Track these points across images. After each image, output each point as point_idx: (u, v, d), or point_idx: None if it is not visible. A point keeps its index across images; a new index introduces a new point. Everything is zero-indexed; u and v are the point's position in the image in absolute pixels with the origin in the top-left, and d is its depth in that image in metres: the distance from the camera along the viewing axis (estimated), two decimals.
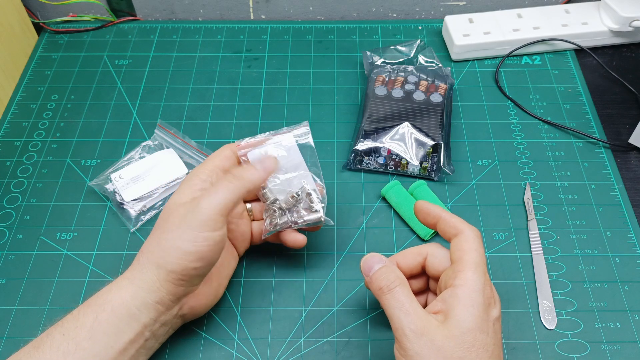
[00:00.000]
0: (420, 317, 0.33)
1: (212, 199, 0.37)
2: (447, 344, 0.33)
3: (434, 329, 0.33)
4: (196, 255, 0.37)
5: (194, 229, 0.36)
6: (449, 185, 0.52)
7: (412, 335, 0.33)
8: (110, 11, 0.67)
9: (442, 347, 0.32)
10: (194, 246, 0.36)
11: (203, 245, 0.36)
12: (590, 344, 0.43)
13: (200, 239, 0.36)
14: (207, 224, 0.36)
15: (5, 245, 0.49)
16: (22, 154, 0.55)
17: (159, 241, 0.37)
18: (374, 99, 0.55)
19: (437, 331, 0.33)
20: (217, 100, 0.59)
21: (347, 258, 0.47)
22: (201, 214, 0.37)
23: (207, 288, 0.41)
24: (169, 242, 0.37)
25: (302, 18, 0.69)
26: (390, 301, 0.35)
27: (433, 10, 0.68)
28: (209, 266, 0.38)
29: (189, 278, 0.37)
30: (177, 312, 0.39)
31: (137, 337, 0.37)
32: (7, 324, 0.44)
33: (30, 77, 0.62)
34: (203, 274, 0.38)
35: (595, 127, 0.56)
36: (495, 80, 0.60)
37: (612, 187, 0.51)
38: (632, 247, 0.48)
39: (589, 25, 0.62)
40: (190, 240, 0.36)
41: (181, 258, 0.36)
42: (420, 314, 0.34)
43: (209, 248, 0.37)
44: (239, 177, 0.39)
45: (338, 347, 0.43)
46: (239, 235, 0.44)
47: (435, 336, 0.33)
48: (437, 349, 0.32)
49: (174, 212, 0.38)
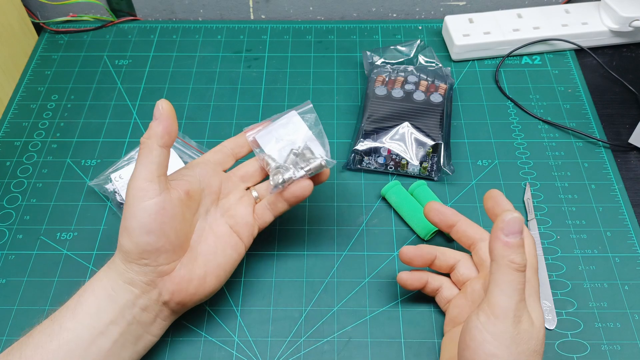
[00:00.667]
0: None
1: (134, 171, 0.38)
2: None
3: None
4: (141, 229, 0.37)
5: (129, 205, 0.37)
6: (449, 185, 0.52)
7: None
8: (110, 11, 0.67)
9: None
10: (135, 221, 0.37)
11: (143, 217, 0.37)
12: (590, 344, 0.43)
13: (138, 211, 0.37)
14: (138, 196, 0.37)
15: (5, 245, 0.49)
16: (22, 154, 0.55)
17: (123, 217, 0.38)
18: (374, 99, 0.55)
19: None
20: (217, 100, 0.59)
21: (347, 258, 0.47)
22: (130, 188, 0.37)
23: (186, 273, 0.39)
24: (121, 226, 0.38)
25: (302, 18, 0.69)
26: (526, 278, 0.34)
27: (433, 10, 0.68)
28: (163, 239, 0.37)
29: (148, 255, 0.37)
30: (157, 297, 0.39)
31: (117, 318, 0.37)
32: (7, 324, 0.44)
33: (30, 77, 0.62)
34: (161, 248, 0.38)
35: (595, 127, 0.56)
36: (495, 80, 0.60)
37: (612, 187, 0.51)
38: (632, 247, 0.48)
39: (589, 25, 0.62)
40: (132, 217, 0.37)
41: (130, 236, 0.37)
42: None
43: (150, 218, 0.37)
44: (143, 142, 0.39)
45: (338, 347, 0.43)
46: (240, 220, 0.43)
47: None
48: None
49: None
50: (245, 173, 0.45)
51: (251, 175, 0.45)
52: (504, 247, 0.33)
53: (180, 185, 0.40)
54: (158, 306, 0.39)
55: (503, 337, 0.32)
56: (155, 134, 0.39)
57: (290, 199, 0.42)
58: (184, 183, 0.40)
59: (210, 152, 0.45)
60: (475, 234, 0.42)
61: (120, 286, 0.38)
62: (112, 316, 0.37)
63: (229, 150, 0.45)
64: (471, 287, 0.41)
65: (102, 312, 0.37)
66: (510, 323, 0.33)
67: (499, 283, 0.33)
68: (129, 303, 0.38)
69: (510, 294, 0.33)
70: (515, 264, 0.33)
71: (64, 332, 0.36)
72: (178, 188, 0.39)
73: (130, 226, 0.37)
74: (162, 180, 0.38)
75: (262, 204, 0.44)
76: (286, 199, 0.43)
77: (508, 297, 0.33)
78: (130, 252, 0.37)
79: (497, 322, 0.33)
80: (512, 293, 0.33)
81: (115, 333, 0.37)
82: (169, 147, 0.39)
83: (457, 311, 0.41)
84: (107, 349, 0.37)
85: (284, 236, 0.49)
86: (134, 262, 0.38)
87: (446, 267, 0.43)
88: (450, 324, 0.41)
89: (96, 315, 0.37)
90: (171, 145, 0.39)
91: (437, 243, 0.48)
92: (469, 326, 0.34)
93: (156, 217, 0.37)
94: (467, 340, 0.34)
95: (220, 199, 0.43)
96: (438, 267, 0.43)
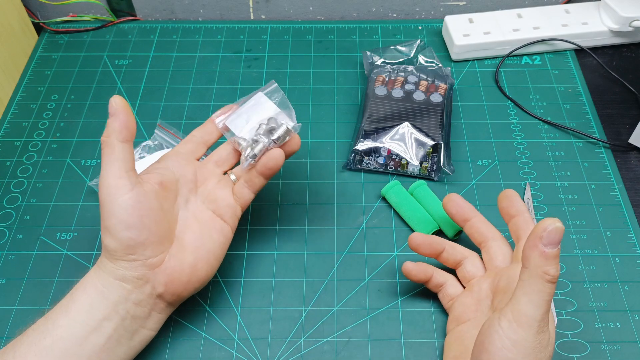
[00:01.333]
0: None
1: (101, 172, 0.38)
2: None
3: None
4: (121, 225, 0.37)
5: (105, 204, 0.37)
6: (449, 185, 0.52)
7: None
8: (110, 11, 0.67)
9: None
10: (114, 218, 0.37)
11: (120, 213, 0.37)
12: (590, 344, 0.43)
13: (115, 209, 0.37)
14: (111, 194, 0.37)
15: (5, 245, 0.49)
16: (22, 154, 0.55)
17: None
18: (374, 99, 0.55)
19: None
20: (217, 100, 0.59)
21: (347, 258, 0.47)
22: (102, 187, 0.37)
23: (177, 263, 0.39)
24: (101, 226, 0.38)
25: (302, 18, 0.69)
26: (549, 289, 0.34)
27: (433, 10, 0.68)
28: (145, 232, 0.38)
29: (133, 250, 0.37)
30: (150, 290, 0.39)
31: (109, 314, 0.37)
32: (7, 324, 0.44)
33: (30, 77, 0.62)
34: (145, 242, 0.38)
35: (595, 127, 0.56)
36: (495, 80, 0.60)
37: (612, 187, 0.51)
38: (632, 247, 0.48)
39: (589, 25, 0.62)
40: (110, 216, 0.37)
41: (111, 234, 0.37)
42: None
43: (128, 213, 0.37)
44: (104, 141, 0.39)
45: (338, 347, 0.43)
46: (221, 203, 0.43)
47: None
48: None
49: None
50: (219, 158, 0.44)
51: (225, 159, 0.45)
52: (541, 257, 0.32)
53: (152, 178, 0.40)
54: (152, 299, 0.39)
55: (524, 345, 0.32)
56: (113, 130, 0.38)
57: (265, 172, 0.42)
58: (155, 175, 0.40)
59: (180, 143, 0.45)
60: (488, 232, 0.43)
61: (111, 283, 0.38)
62: (104, 312, 0.37)
63: (199, 139, 0.45)
64: (478, 286, 0.41)
65: (95, 309, 0.37)
66: (533, 333, 0.32)
67: (528, 292, 0.33)
68: (122, 299, 0.38)
69: (539, 304, 0.32)
70: (549, 275, 0.32)
71: (57, 329, 0.36)
72: (150, 181, 0.40)
73: (109, 225, 0.37)
74: (132, 175, 0.38)
75: (240, 184, 0.43)
76: (261, 172, 0.42)
77: (536, 307, 0.32)
78: (115, 250, 0.37)
79: (519, 330, 0.32)
80: (540, 303, 0.32)
81: (109, 329, 0.37)
82: (130, 141, 0.39)
83: (461, 309, 0.41)
84: (102, 344, 0.37)
85: (284, 236, 0.49)
86: (121, 259, 0.38)
87: (453, 262, 0.43)
88: (455, 322, 0.41)
89: (89, 312, 0.37)
90: (132, 139, 0.39)
91: None
92: (489, 330, 0.34)
93: (133, 212, 0.37)
94: (485, 344, 0.33)
95: (198, 186, 0.43)
96: (445, 259, 0.43)
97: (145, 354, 0.41)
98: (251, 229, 0.49)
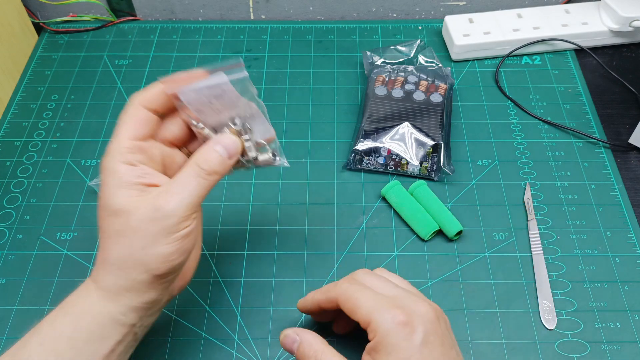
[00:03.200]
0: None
1: (181, 198, 0.34)
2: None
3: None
4: (178, 252, 0.34)
5: (169, 232, 0.34)
6: (449, 185, 0.52)
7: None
8: (110, 11, 0.67)
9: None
10: (174, 246, 0.34)
11: (182, 241, 0.34)
12: (590, 344, 0.43)
13: (178, 237, 0.34)
14: (181, 224, 0.34)
15: (5, 245, 0.49)
16: (22, 154, 0.55)
17: (130, 252, 0.34)
18: (374, 99, 0.55)
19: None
20: None
21: (347, 258, 0.47)
22: (173, 217, 0.34)
23: (190, 260, 0.39)
24: (145, 251, 0.33)
25: (302, 18, 0.69)
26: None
27: (433, 10, 0.68)
28: (190, 251, 0.36)
29: (176, 271, 0.36)
30: (168, 298, 0.37)
31: (124, 337, 0.35)
32: (7, 324, 0.44)
33: (30, 77, 0.62)
34: (186, 260, 0.36)
35: (595, 127, 0.56)
36: (495, 80, 0.60)
37: (612, 187, 0.51)
38: (632, 247, 0.48)
39: (589, 25, 0.62)
40: (169, 243, 0.34)
41: (165, 260, 0.34)
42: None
43: (187, 239, 0.35)
44: (208, 171, 0.36)
45: (338, 347, 0.43)
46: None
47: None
48: None
49: (127, 217, 0.33)
50: (174, 137, 0.38)
51: (179, 138, 0.39)
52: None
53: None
54: (163, 303, 0.38)
55: None
56: (226, 169, 0.36)
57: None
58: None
59: (131, 149, 0.36)
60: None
61: (135, 309, 0.35)
62: (119, 338, 0.34)
63: (147, 117, 0.37)
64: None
65: (107, 338, 0.34)
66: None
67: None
68: (140, 319, 0.35)
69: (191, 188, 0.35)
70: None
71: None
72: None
73: (167, 252, 0.34)
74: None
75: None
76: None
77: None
78: (161, 275, 0.34)
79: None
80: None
81: (122, 347, 0.35)
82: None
83: None
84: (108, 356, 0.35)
85: (284, 236, 0.49)
86: (158, 283, 0.35)
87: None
88: None
89: (99, 342, 0.34)
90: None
91: (437, 243, 0.48)
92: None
93: (191, 237, 0.35)
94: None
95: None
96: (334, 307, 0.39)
97: (145, 354, 0.41)
98: (251, 229, 0.49)
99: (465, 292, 0.45)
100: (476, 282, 0.46)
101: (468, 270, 0.46)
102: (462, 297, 0.45)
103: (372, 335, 0.34)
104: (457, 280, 0.46)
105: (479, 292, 0.45)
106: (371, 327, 0.34)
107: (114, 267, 0.34)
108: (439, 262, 0.47)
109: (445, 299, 0.45)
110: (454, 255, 0.47)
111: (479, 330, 0.43)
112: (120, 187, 0.34)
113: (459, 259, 0.47)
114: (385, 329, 0.34)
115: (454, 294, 0.45)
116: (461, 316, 0.44)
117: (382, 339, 0.34)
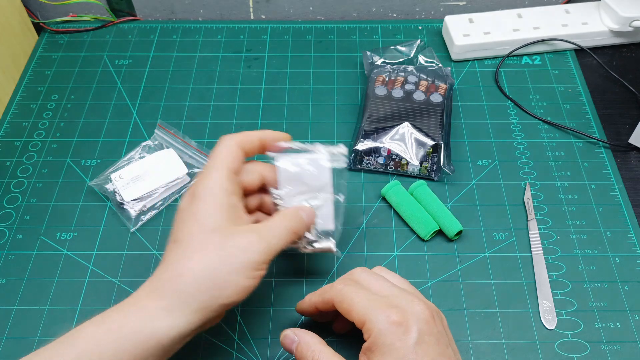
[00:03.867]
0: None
1: (275, 242, 0.37)
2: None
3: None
4: (248, 289, 0.36)
5: (254, 268, 0.36)
6: (449, 185, 0.52)
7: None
8: (110, 11, 0.67)
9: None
10: (253, 282, 0.36)
11: (256, 280, 0.37)
12: (590, 344, 0.43)
13: (257, 276, 0.36)
14: (263, 264, 0.37)
15: (5, 245, 0.49)
16: (22, 154, 0.55)
17: (216, 272, 0.35)
18: (374, 99, 0.55)
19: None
20: (217, 100, 0.59)
21: (347, 258, 0.47)
22: (263, 254, 0.36)
23: None
24: (230, 276, 0.35)
25: (302, 18, 0.69)
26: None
27: (433, 10, 0.68)
28: None
29: (235, 305, 0.37)
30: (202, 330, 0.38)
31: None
32: (7, 324, 0.44)
33: (30, 77, 0.62)
34: None
35: (595, 127, 0.56)
36: (495, 80, 0.60)
37: (612, 187, 0.51)
38: (632, 247, 0.48)
39: (589, 25, 0.62)
40: (250, 277, 0.36)
41: (240, 292, 0.36)
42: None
43: (258, 282, 0.37)
44: (295, 229, 0.39)
45: (338, 347, 0.43)
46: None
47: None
48: None
49: (224, 239, 0.36)
50: (249, 186, 0.41)
51: (252, 191, 0.42)
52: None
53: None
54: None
55: None
56: (306, 227, 0.40)
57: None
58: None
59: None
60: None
61: (186, 336, 0.35)
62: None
63: (241, 157, 0.41)
64: None
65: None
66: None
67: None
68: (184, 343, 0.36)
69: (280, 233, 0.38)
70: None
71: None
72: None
73: (244, 285, 0.36)
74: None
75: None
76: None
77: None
78: (227, 304, 0.36)
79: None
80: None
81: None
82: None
83: None
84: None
85: None
86: (216, 311, 0.35)
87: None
88: None
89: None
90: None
91: (437, 243, 0.48)
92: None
93: (260, 281, 0.37)
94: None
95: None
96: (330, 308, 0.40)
97: None
98: None
99: (465, 292, 0.45)
100: (476, 282, 0.46)
101: (468, 270, 0.47)
102: (462, 297, 0.45)
103: (367, 335, 0.35)
104: (457, 280, 0.46)
105: (479, 292, 0.45)
106: (366, 328, 0.35)
107: (194, 283, 0.35)
108: (439, 262, 0.47)
109: (445, 299, 0.45)
110: (454, 255, 0.47)
111: (479, 330, 0.43)
112: (222, 208, 0.37)
113: (459, 259, 0.47)
114: (379, 329, 0.34)
115: (454, 294, 0.45)
116: (461, 316, 0.44)
117: (376, 339, 0.34)
